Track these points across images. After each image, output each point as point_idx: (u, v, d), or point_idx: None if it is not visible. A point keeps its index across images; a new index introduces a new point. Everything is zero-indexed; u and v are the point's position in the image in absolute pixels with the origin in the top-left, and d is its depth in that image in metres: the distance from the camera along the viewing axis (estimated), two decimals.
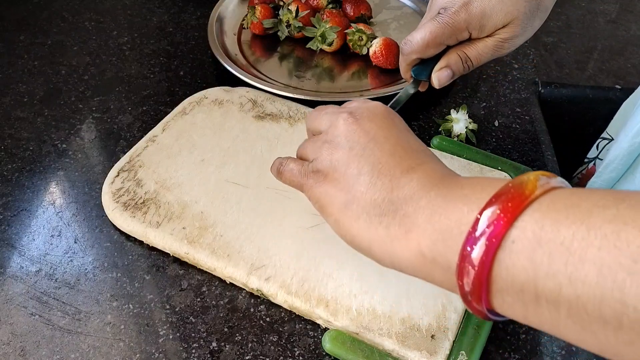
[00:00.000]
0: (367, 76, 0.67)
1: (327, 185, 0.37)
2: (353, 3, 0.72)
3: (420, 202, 0.32)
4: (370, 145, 0.36)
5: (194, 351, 0.42)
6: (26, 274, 0.47)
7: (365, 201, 0.34)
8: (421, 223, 0.31)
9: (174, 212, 0.49)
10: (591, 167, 0.63)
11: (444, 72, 0.50)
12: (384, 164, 0.35)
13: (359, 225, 0.34)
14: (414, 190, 0.33)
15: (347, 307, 0.43)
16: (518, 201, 0.27)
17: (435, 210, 0.31)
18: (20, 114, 0.62)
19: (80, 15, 0.77)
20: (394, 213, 0.33)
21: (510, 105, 0.65)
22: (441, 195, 0.31)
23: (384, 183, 0.34)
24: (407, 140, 0.37)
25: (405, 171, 0.34)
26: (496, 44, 0.49)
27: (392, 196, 0.33)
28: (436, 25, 0.47)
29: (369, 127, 0.37)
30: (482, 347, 0.42)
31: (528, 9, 0.48)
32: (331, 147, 0.37)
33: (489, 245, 0.27)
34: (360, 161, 0.35)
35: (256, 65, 0.68)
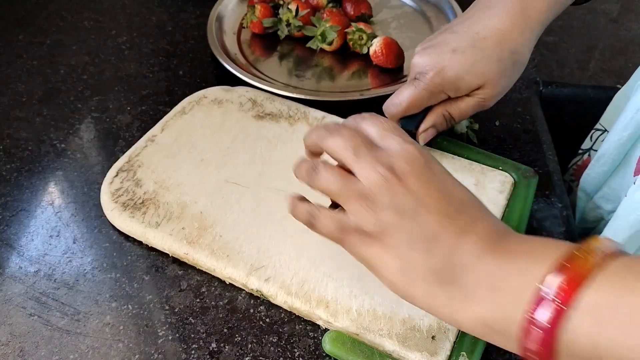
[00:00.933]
0: (368, 75, 0.67)
1: (377, 248, 0.36)
2: (353, 2, 0.71)
3: (480, 274, 0.33)
4: (419, 209, 0.35)
5: (193, 352, 0.42)
6: (25, 275, 0.47)
7: (424, 269, 0.34)
8: (482, 296, 0.32)
9: (173, 212, 0.49)
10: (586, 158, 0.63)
11: (430, 132, 0.52)
12: (438, 229, 0.34)
13: (418, 292, 0.35)
14: (471, 259, 0.33)
15: (347, 308, 0.43)
16: (578, 278, 0.28)
17: (495, 284, 0.32)
18: (18, 114, 0.62)
19: (79, 15, 0.77)
20: (452, 282, 0.33)
21: (511, 104, 0.65)
22: (499, 268, 0.32)
23: (440, 250, 0.34)
24: (452, 193, 0.36)
25: (460, 234, 0.34)
26: (477, 102, 0.51)
27: (450, 264, 0.34)
28: (414, 91, 0.49)
29: (414, 187, 0.35)
30: (482, 348, 0.41)
31: (502, 68, 0.49)
32: (376, 207, 0.35)
33: (548, 330, 0.28)
34: (413, 227, 0.35)
35: (256, 65, 0.68)
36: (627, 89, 0.59)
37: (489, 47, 0.48)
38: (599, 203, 0.58)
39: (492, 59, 0.48)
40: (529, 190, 0.53)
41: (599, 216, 0.59)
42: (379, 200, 0.35)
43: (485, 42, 0.48)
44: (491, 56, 0.48)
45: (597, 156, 0.56)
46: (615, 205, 0.57)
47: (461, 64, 0.48)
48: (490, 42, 0.48)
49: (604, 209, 0.58)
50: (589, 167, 0.58)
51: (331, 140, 0.39)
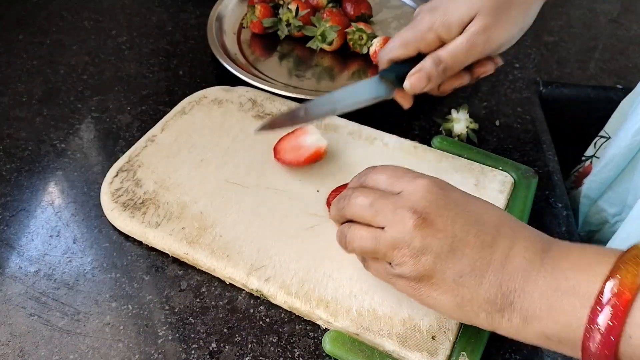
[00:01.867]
0: (368, 75, 0.67)
1: (427, 289, 0.37)
2: (353, 2, 0.71)
3: (534, 296, 0.34)
4: (455, 245, 0.36)
5: (193, 352, 0.42)
6: (25, 275, 0.47)
7: (479, 301, 0.35)
8: (541, 317, 0.33)
9: (173, 212, 0.49)
10: (587, 165, 0.63)
11: (417, 76, 0.48)
12: (480, 262, 0.35)
13: (480, 320, 0.36)
14: (521, 282, 0.34)
15: (348, 308, 0.43)
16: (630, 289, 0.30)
17: (551, 305, 0.33)
18: (19, 114, 0.62)
19: (79, 15, 0.77)
20: (511, 307, 0.34)
21: (511, 104, 0.65)
22: (551, 288, 0.33)
23: (489, 281, 0.35)
24: (480, 219, 0.37)
25: (503, 261, 0.35)
26: (468, 39, 0.47)
27: (503, 291, 0.35)
28: (404, 31, 0.49)
29: (443, 225, 0.36)
30: (482, 348, 0.41)
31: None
32: (412, 255, 0.36)
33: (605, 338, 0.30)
34: (455, 265, 0.35)
35: (256, 65, 0.68)
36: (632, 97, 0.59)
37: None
38: (602, 206, 0.58)
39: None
40: (529, 191, 0.53)
41: (603, 219, 0.58)
42: (413, 246, 0.36)
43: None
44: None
45: (604, 163, 0.56)
46: (620, 209, 0.57)
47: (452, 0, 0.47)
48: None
49: (608, 212, 0.58)
50: (594, 174, 0.58)
51: (350, 208, 0.40)
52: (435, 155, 0.55)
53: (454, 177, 0.53)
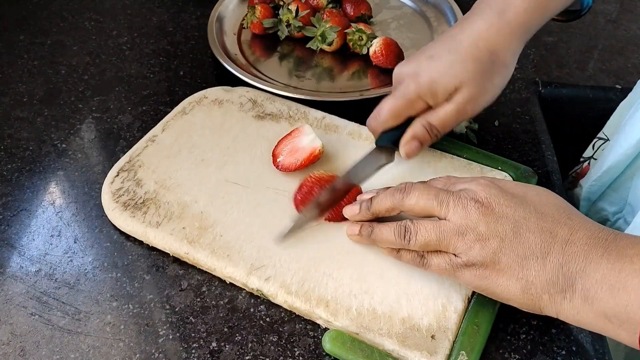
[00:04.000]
0: (367, 76, 0.67)
1: (493, 277, 0.39)
2: (353, 3, 0.71)
3: (596, 276, 0.35)
4: (519, 230, 0.38)
5: (193, 351, 0.42)
6: (26, 274, 0.47)
7: (542, 283, 0.37)
8: (602, 297, 0.35)
9: (174, 212, 0.49)
10: (585, 166, 0.63)
11: (412, 144, 0.50)
12: (541, 244, 0.37)
13: (543, 303, 0.38)
14: (583, 263, 0.36)
15: (347, 307, 0.43)
16: None
17: (613, 285, 0.34)
18: (20, 114, 0.62)
19: (80, 15, 0.77)
20: (572, 287, 0.36)
21: (511, 105, 0.65)
22: (614, 270, 0.35)
23: (552, 263, 0.37)
24: (540, 208, 0.39)
25: (565, 245, 0.37)
26: (457, 108, 0.48)
27: (565, 271, 0.36)
28: (391, 100, 0.50)
29: (504, 212, 0.39)
30: (482, 347, 0.42)
31: (479, 68, 0.48)
32: (478, 240, 0.38)
33: None
34: (519, 248, 0.38)
35: (256, 65, 0.68)
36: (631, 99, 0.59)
37: (464, 49, 0.48)
38: (602, 206, 0.58)
39: (467, 59, 0.47)
40: None
41: (603, 218, 0.59)
42: (479, 231, 0.38)
43: (461, 44, 0.48)
44: (466, 58, 0.48)
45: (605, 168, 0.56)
46: (620, 207, 0.57)
47: (436, 67, 0.48)
48: (467, 43, 0.48)
49: (609, 211, 0.58)
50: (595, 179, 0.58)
51: (409, 198, 0.42)
52: (435, 155, 0.55)
53: None
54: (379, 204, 0.44)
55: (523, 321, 0.45)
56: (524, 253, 0.37)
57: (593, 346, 0.43)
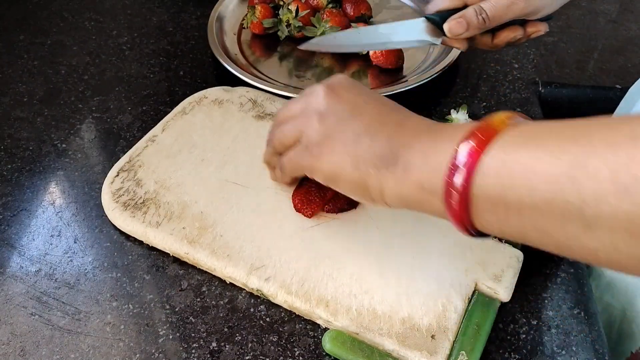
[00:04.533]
0: (368, 76, 0.67)
1: (327, 154, 0.40)
2: (353, 3, 0.71)
3: (416, 146, 0.37)
4: (356, 110, 0.40)
5: (193, 351, 0.42)
6: (26, 274, 0.47)
7: (372, 158, 0.38)
8: (418, 163, 0.36)
9: (174, 212, 0.49)
10: None
11: (457, 21, 0.51)
12: (376, 123, 0.39)
13: (371, 179, 0.38)
14: (409, 138, 0.37)
15: (347, 307, 0.43)
16: (488, 134, 0.32)
17: (427, 151, 0.36)
18: (20, 114, 0.62)
19: (80, 15, 0.77)
20: (395, 160, 0.37)
21: (511, 105, 0.65)
22: (431, 139, 0.36)
23: (382, 138, 0.38)
24: (382, 99, 0.42)
25: (397, 125, 0.39)
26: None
27: (392, 146, 0.38)
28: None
29: (347, 96, 0.41)
30: (482, 347, 0.42)
31: None
32: (319, 117, 0.41)
33: (467, 172, 0.32)
34: (355, 125, 0.39)
35: (256, 65, 0.68)
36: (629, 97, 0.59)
37: None
38: None
39: None
40: None
41: None
42: (319, 109, 0.41)
43: None
44: None
45: None
46: None
47: None
48: None
49: None
50: None
51: (285, 108, 0.45)
52: None
53: None
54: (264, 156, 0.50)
55: (523, 321, 0.45)
56: (357, 130, 0.39)
57: (593, 346, 0.43)
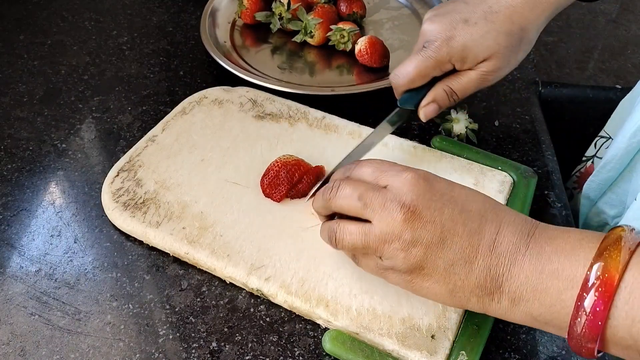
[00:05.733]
0: (353, 73, 0.67)
1: (419, 280, 0.38)
2: (347, 1, 0.72)
3: (520, 278, 0.35)
4: (444, 235, 0.37)
5: (193, 351, 0.42)
6: (26, 274, 0.47)
7: (470, 286, 0.37)
8: (528, 298, 0.35)
9: (174, 212, 0.49)
10: (589, 165, 0.63)
11: (431, 107, 0.52)
12: (469, 248, 0.37)
13: (471, 304, 0.38)
14: (509, 266, 0.36)
15: (347, 307, 0.43)
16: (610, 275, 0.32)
17: (536, 287, 0.35)
18: (20, 114, 0.62)
19: (80, 15, 0.77)
20: (499, 290, 0.36)
21: (511, 105, 0.65)
22: (536, 271, 0.35)
23: (479, 267, 0.36)
24: (466, 208, 0.38)
25: (492, 246, 0.37)
26: (480, 77, 0.50)
27: (493, 275, 0.36)
28: (420, 59, 0.50)
29: (431, 216, 0.37)
30: (482, 347, 0.42)
31: (509, 43, 0.49)
32: (402, 248, 0.37)
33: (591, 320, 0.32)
34: (445, 254, 0.37)
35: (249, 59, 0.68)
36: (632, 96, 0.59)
37: (500, 20, 0.49)
38: (602, 208, 0.58)
39: (501, 32, 0.48)
40: (528, 190, 0.53)
41: (603, 221, 0.59)
42: (404, 239, 0.37)
43: (496, 15, 0.49)
44: (500, 30, 0.48)
45: (602, 163, 0.56)
46: (620, 210, 0.57)
47: (471, 34, 0.48)
48: (502, 16, 0.49)
49: (608, 214, 0.58)
50: (594, 174, 0.58)
51: (337, 201, 0.41)
52: (435, 155, 0.55)
53: (453, 177, 0.53)
54: (315, 203, 0.44)
55: None
56: (450, 259, 0.37)
57: None
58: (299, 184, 0.50)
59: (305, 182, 0.50)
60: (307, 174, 0.50)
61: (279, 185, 0.50)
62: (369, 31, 0.73)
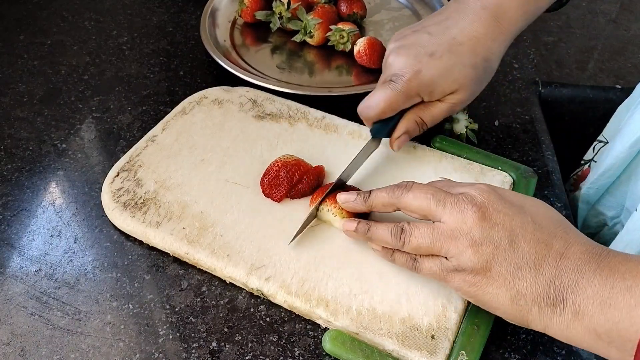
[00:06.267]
0: (352, 73, 0.67)
1: (483, 284, 0.38)
2: (347, 1, 0.72)
3: (587, 292, 0.35)
4: (514, 239, 0.37)
5: (193, 351, 0.42)
6: (26, 274, 0.47)
7: (533, 295, 0.36)
8: (593, 312, 0.34)
9: (174, 212, 0.49)
10: (586, 169, 0.63)
11: (403, 138, 0.53)
12: (536, 254, 0.37)
13: (532, 315, 0.37)
14: (576, 278, 0.35)
15: (347, 307, 0.43)
16: None
17: (604, 301, 0.34)
18: (20, 114, 0.62)
19: (80, 15, 0.77)
20: (563, 302, 0.36)
21: (511, 104, 0.65)
22: (606, 286, 0.34)
23: (545, 275, 0.36)
24: (537, 219, 0.38)
25: (559, 258, 0.36)
26: (448, 107, 0.52)
27: (557, 285, 0.36)
28: (390, 93, 0.50)
29: (501, 219, 0.38)
30: (482, 347, 0.42)
31: (475, 75, 0.50)
32: (471, 245, 0.38)
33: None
34: (513, 257, 0.37)
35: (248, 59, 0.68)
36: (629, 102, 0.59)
37: (465, 53, 0.49)
38: (601, 210, 0.58)
39: (466, 65, 0.49)
40: (528, 190, 0.53)
41: (602, 222, 0.59)
42: (472, 236, 0.37)
43: (461, 47, 0.49)
44: (466, 63, 0.49)
45: (602, 171, 0.56)
46: (618, 212, 0.57)
47: (437, 68, 0.49)
48: (466, 48, 0.49)
49: (607, 216, 0.58)
50: (592, 182, 0.58)
51: (407, 195, 0.41)
52: (435, 155, 0.55)
53: (454, 177, 0.53)
54: (376, 197, 0.44)
55: None
56: (517, 262, 0.37)
57: None
58: (299, 184, 0.50)
59: (305, 182, 0.50)
60: (307, 174, 0.50)
61: (279, 185, 0.50)
62: (369, 32, 0.73)
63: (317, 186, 0.51)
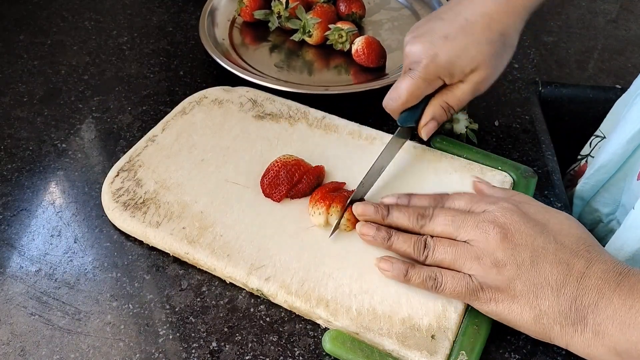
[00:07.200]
0: (350, 72, 0.67)
1: (507, 302, 0.39)
2: (346, 1, 0.72)
3: (607, 311, 0.36)
4: (536, 259, 0.38)
5: (193, 351, 0.42)
6: (26, 274, 0.47)
7: (554, 314, 0.37)
8: (613, 332, 0.35)
9: (174, 212, 0.49)
10: (583, 164, 0.63)
11: (431, 125, 0.53)
12: (557, 275, 0.38)
13: (554, 333, 0.38)
14: (596, 299, 0.36)
15: (347, 307, 0.43)
16: None
17: (624, 321, 0.35)
18: (19, 114, 0.62)
19: (80, 15, 0.77)
20: (584, 321, 0.37)
21: (511, 104, 0.65)
22: (625, 306, 0.35)
23: (567, 295, 0.37)
24: (559, 238, 0.39)
25: (580, 277, 0.37)
26: (472, 87, 0.51)
27: (578, 305, 0.37)
28: (410, 81, 0.50)
29: (523, 240, 0.39)
30: (482, 347, 0.42)
31: (493, 50, 0.50)
32: (495, 265, 0.39)
33: None
34: (535, 277, 0.38)
35: (247, 58, 0.68)
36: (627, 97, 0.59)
37: (478, 31, 0.49)
38: (596, 207, 0.58)
39: (482, 42, 0.49)
40: (528, 190, 0.53)
41: (597, 219, 0.59)
42: (496, 257, 0.39)
43: (474, 26, 0.49)
44: (481, 40, 0.49)
45: (598, 166, 0.56)
46: (613, 209, 0.57)
47: (453, 49, 0.49)
48: (479, 26, 0.49)
49: (602, 212, 0.58)
50: (588, 177, 0.58)
51: (431, 223, 0.43)
52: (435, 155, 0.55)
53: (453, 177, 0.53)
54: (397, 219, 0.45)
55: None
56: (539, 282, 0.38)
57: None
58: (299, 184, 0.50)
59: (305, 182, 0.50)
60: (307, 174, 0.50)
61: (279, 185, 0.50)
62: (368, 31, 0.73)
63: (317, 186, 0.51)
